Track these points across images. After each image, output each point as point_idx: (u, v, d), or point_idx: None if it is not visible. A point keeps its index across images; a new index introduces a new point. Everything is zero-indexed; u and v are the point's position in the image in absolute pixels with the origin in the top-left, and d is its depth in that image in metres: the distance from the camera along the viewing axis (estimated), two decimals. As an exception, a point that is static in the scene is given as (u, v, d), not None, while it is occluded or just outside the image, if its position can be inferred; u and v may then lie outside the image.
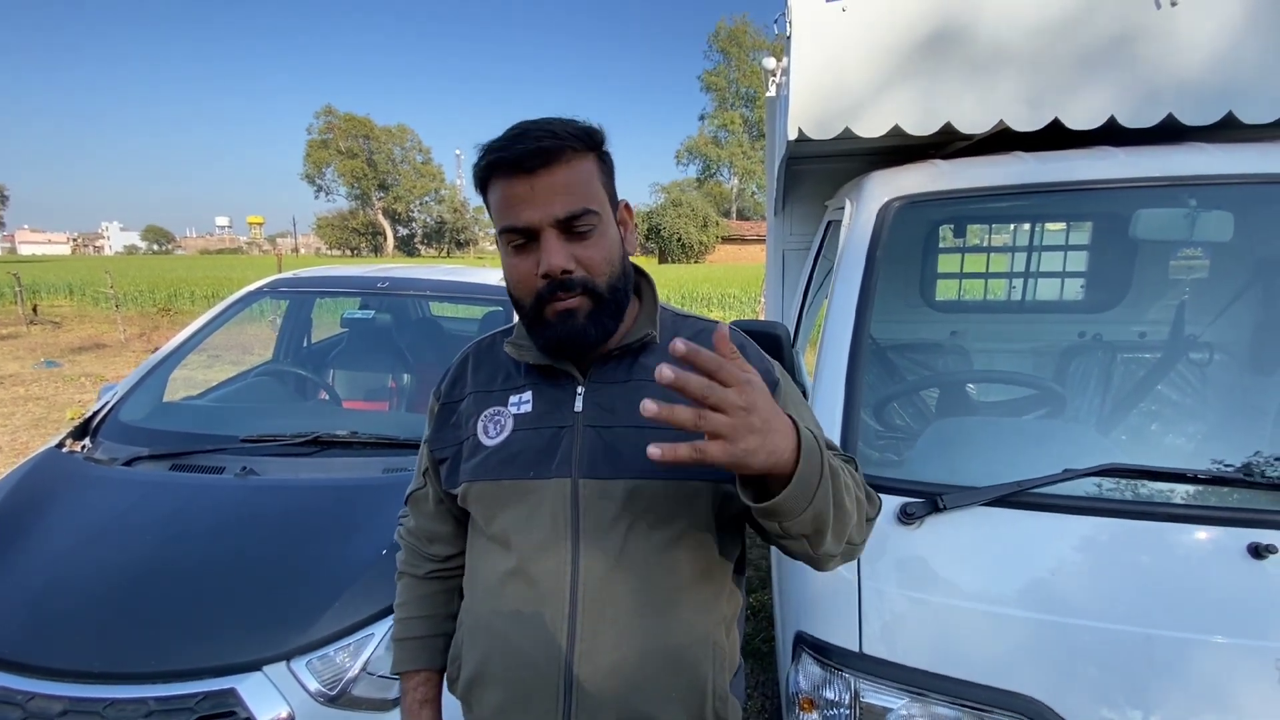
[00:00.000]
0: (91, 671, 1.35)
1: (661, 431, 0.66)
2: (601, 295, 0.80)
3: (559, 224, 0.77)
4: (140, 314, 13.76)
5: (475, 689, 0.87)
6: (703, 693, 0.82)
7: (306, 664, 1.41)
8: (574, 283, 0.78)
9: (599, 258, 0.79)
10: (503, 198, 0.78)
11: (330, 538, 1.64)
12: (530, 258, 0.79)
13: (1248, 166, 1.46)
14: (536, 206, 0.76)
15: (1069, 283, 2.59)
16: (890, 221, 1.56)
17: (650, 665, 0.80)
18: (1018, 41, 1.61)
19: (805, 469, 0.63)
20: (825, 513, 0.67)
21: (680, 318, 0.93)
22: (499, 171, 0.78)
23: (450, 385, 0.95)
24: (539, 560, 0.81)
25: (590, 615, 0.79)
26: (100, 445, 2.04)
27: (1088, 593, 1.11)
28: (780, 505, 0.64)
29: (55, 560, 1.57)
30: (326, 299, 3.29)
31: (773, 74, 2.78)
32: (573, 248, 0.78)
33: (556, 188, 0.76)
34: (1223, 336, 1.81)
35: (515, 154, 0.76)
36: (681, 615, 0.82)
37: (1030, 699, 1.05)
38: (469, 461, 0.87)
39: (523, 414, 0.86)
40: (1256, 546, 1.07)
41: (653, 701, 0.80)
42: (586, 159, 0.80)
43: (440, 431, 0.94)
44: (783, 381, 0.88)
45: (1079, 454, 1.34)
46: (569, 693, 0.79)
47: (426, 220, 72.47)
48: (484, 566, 0.87)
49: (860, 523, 0.77)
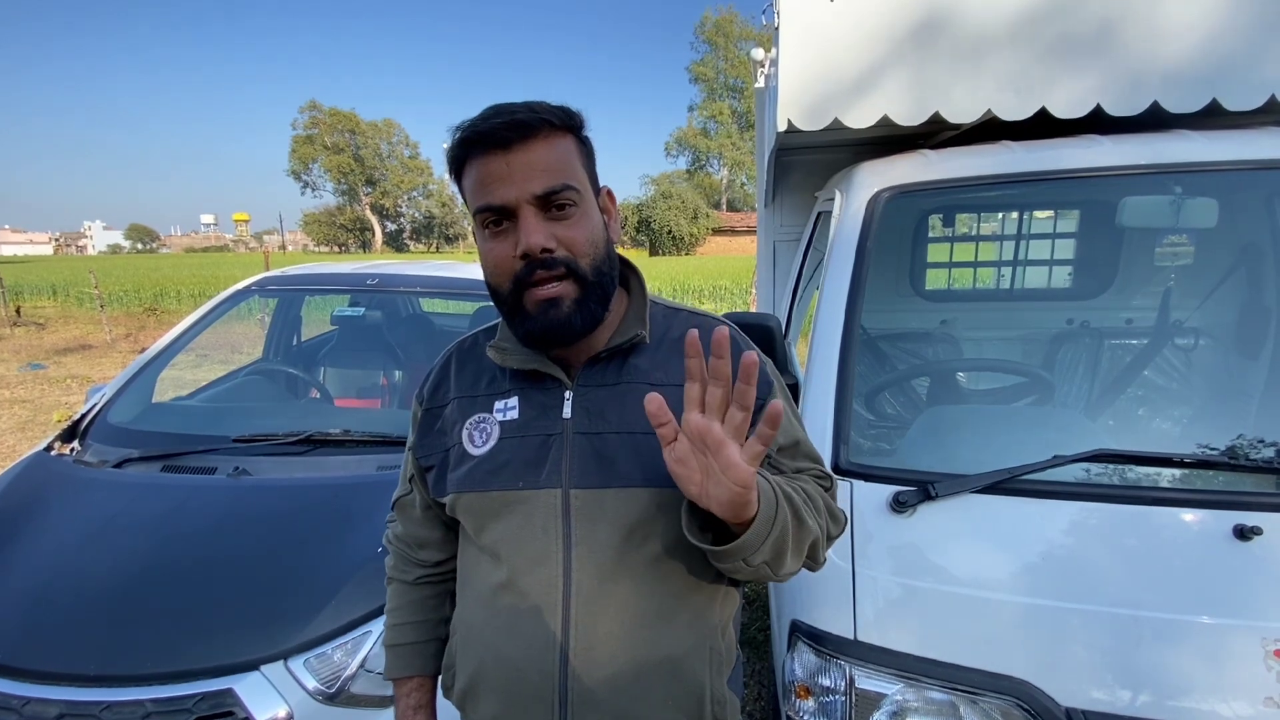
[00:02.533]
0: (87, 675, 1.34)
1: (654, 438, 0.67)
2: (585, 278, 0.76)
3: (537, 200, 0.73)
4: (126, 314, 13.62)
5: (470, 699, 0.86)
6: (700, 699, 0.82)
7: (304, 662, 1.41)
8: (555, 262, 0.74)
9: (581, 237, 0.76)
10: (478, 177, 0.75)
11: (325, 536, 1.64)
12: (508, 240, 0.75)
13: (1232, 153, 1.48)
14: (513, 183, 0.72)
15: (1057, 270, 2.62)
16: (880, 212, 1.56)
17: (647, 675, 0.79)
18: (1003, 31, 1.61)
19: (762, 518, 0.67)
20: (783, 551, 0.70)
21: (672, 311, 0.89)
22: (475, 149, 0.74)
23: (433, 389, 0.92)
24: (531, 572, 0.79)
25: (584, 627, 0.78)
26: (90, 448, 2.03)
27: (1077, 576, 1.13)
28: (735, 549, 0.68)
29: (48, 564, 1.56)
30: (315, 297, 3.28)
31: (761, 65, 2.78)
32: (553, 227, 0.74)
33: (535, 164, 0.73)
34: (1208, 321, 1.83)
35: (491, 128, 0.72)
36: (677, 623, 0.80)
37: (1022, 681, 1.07)
38: (455, 471, 0.85)
39: (509, 421, 0.83)
40: (1242, 528, 1.09)
41: (650, 709, 0.79)
42: (565, 137, 0.77)
43: (425, 438, 0.90)
44: (775, 383, 0.86)
45: (1068, 440, 1.36)
46: (564, 704, 0.78)
47: (415, 215, 72.01)
48: (476, 577, 0.86)
49: (820, 544, 0.79)
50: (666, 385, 0.80)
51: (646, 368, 0.82)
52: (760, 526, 0.67)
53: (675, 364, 0.82)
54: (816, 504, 0.79)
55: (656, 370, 0.82)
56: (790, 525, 0.70)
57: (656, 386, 0.79)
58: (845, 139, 2.03)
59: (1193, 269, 1.80)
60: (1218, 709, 1.01)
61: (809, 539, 0.74)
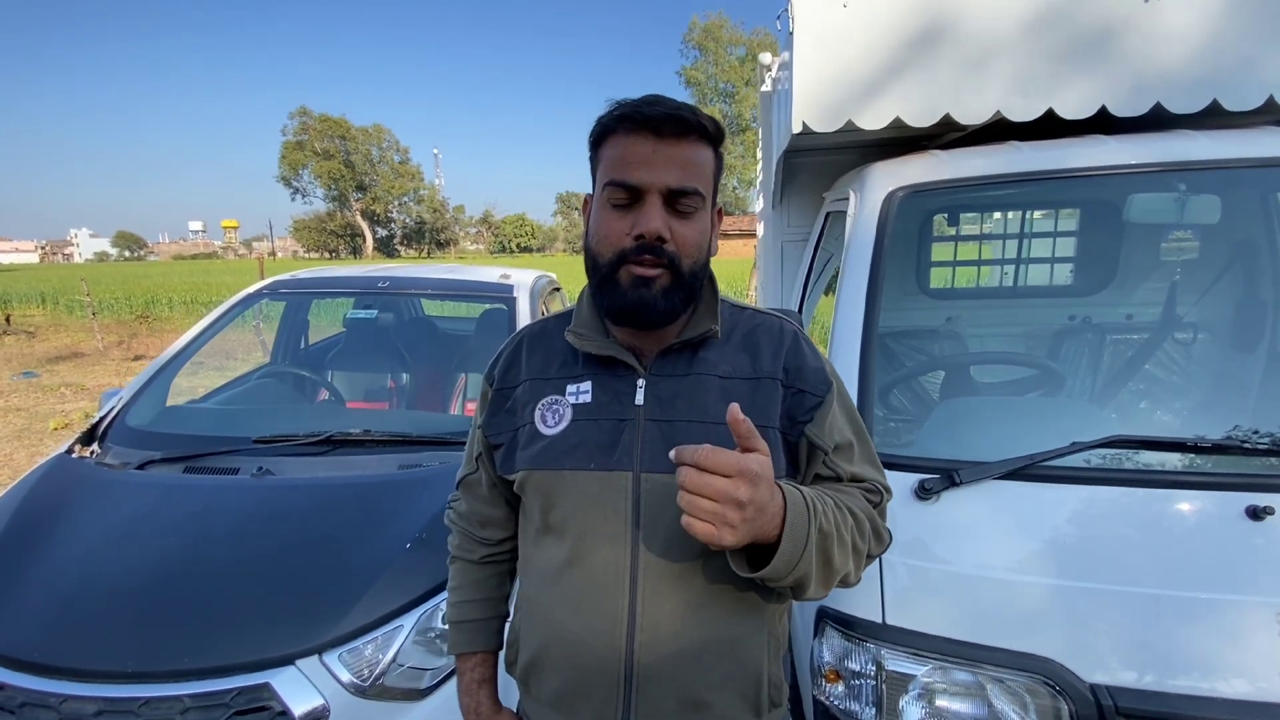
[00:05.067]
0: (124, 671, 1.36)
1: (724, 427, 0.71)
2: (682, 274, 0.80)
3: (667, 193, 0.78)
4: (118, 321, 13.49)
5: (534, 674, 0.89)
6: (758, 680, 0.85)
7: (338, 656, 1.43)
8: (663, 252, 0.78)
9: (692, 239, 0.80)
10: (622, 153, 0.78)
11: (353, 533, 1.66)
12: (626, 218, 0.79)
13: (1233, 152, 1.53)
14: (654, 169, 0.77)
15: (1058, 267, 2.67)
16: (895, 211, 1.61)
17: (709, 654, 0.82)
18: (1011, 35, 1.67)
19: (788, 546, 0.70)
20: (808, 575, 0.73)
21: (738, 309, 0.93)
22: (627, 126, 0.78)
23: (505, 370, 0.94)
24: (598, 550, 0.82)
25: (650, 606, 0.80)
26: (110, 450, 2.04)
27: (1097, 557, 1.17)
28: (765, 577, 0.71)
29: (79, 563, 1.57)
30: (319, 301, 3.29)
31: (769, 69, 2.83)
32: (672, 220, 0.79)
33: (676, 159, 0.77)
34: (1209, 315, 1.89)
35: (651, 114, 0.77)
36: (739, 607, 0.83)
37: (1047, 659, 1.11)
38: (527, 449, 0.87)
39: (581, 404, 0.86)
40: (1255, 508, 1.14)
41: (711, 689, 0.83)
42: (708, 148, 0.81)
43: (495, 417, 0.93)
44: (835, 383, 0.89)
45: (1082, 428, 1.40)
46: (629, 681, 0.81)
47: (406, 221, 71.75)
48: (540, 554, 0.89)
49: (857, 568, 0.81)
50: (733, 378, 0.85)
51: (715, 360, 0.86)
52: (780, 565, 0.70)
53: (742, 358, 0.87)
54: (862, 528, 0.81)
55: (724, 364, 0.86)
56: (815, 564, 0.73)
57: (724, 379, 0.84)
58: (853, 141, 2.08)
59: (1197, 264, 1.86)
60: (1234, 681, 1.05)
61: (836, 577, 0.77)
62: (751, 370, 0.86)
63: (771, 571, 0.70)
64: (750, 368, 0.86)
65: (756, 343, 0.88)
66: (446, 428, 2.20)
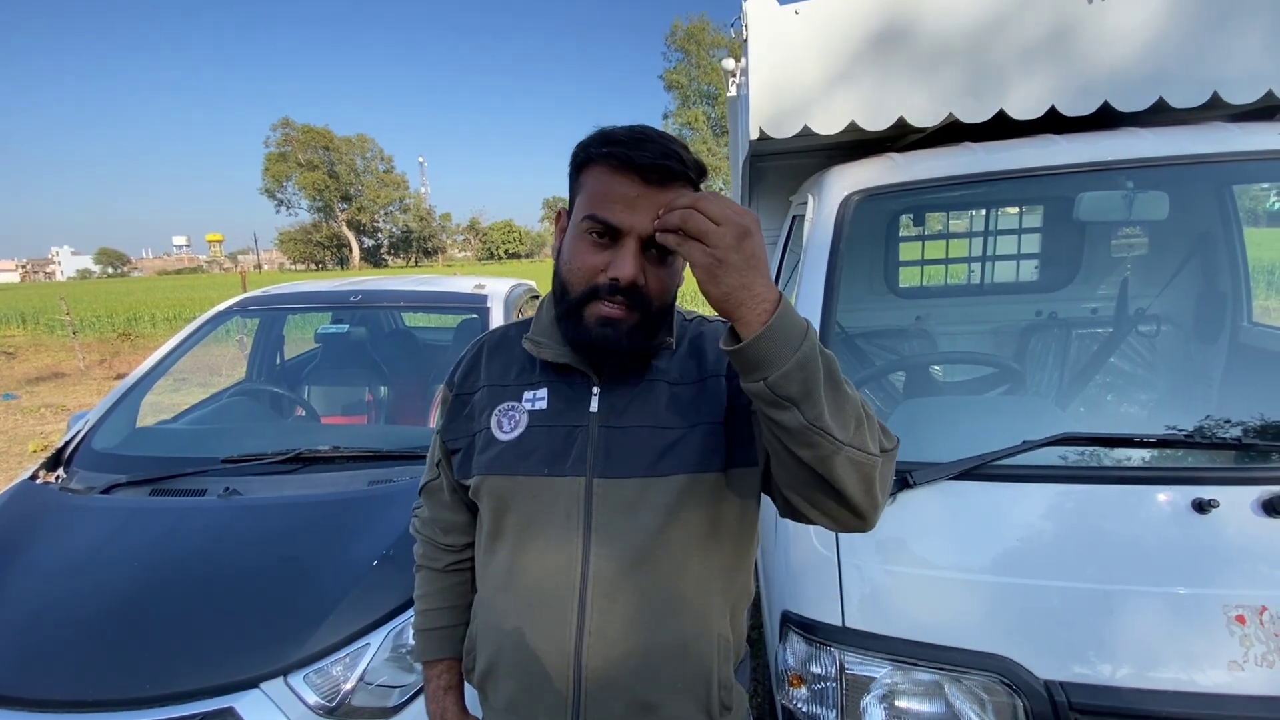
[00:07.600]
0: (88, 700, 1.34)
1: (673, 431, 0.70)
2: (650, 315, 0.81)
3: (645, 240, 0.77)
4: (99, 340, 13.34)
5: (489, 681, 0.90)
6: (708, 683, 0.85)
7: (304, 678, 1.42)
8: (635, 296, 0.79)
9: (664, 286, 0.81)
10: (604, 189, 0.78)
11: (320, 552, 1.65)
12: (602, 255, 0.79)
13: (1179, 148, 1.56)
14: (636, 213, 0.76)
15: (1024, 264, 2.71)
16: (851, 214, 1.62)
17: (657, 657, 0.82)
18: (960, 38, 1.69)
19: (782, 321, 0.65)
20: (814, 375, 0.66)
21: (686, 321, 0.95)
22: (614, 163, 0.77)
23: (464, 376, 0.95)
24: (549, 555, 0.83)
25: (599, 610, 0.81)
26: (75, 475, 2.01)
27: (1050, 554, 1.19)
28: (759, 350, 0.64)
29: (40, 592, 1.55)
30: (296, 316, 3.27)
31: (732, 74, 2.84)
32: (647, 265, 0.79)
33: (659, 205, 0.76)
34: (1163, 309, 1.92)
35: (641, 158, 0.76)
36: (690, 609, 0.84)
37: (1003, 658, 1.12)
38: (483, 454, 0.88)
39: (537, 410, 0.87)
40: (1200, 502, 1.16)
41: (660, 692, 0.83)
42: (690, 189, 0.81)
43: (453, 422, 0.94)
44: None
45: (1038, 426, 1.41)
46: (578, 684, 0.82)
47: (392, 230, 71.51)
48: (493, 560, 0.89)
49: (873, 431, 0.72)
50: (683, 383, 0.87)
51: (665, 368, 0.88)
52: (777, 334, 0.65)
53: (689, 364, 0.89)
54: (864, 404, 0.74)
55: (674, 370, 0.88)
56: (819, 362, 0.67)
57: (674, 385, 0.86)
58: (816, 144, 2.10)
59: (1148, 259, 1.89)
60: (1186, 674, 1.07)
61: (848, 397, 0.70)
62: (698, 374, 0.88)
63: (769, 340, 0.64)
64: (696, 371, 0.88)
65: (701, 348, 0.91)
66: (419, 441, 2.18)
